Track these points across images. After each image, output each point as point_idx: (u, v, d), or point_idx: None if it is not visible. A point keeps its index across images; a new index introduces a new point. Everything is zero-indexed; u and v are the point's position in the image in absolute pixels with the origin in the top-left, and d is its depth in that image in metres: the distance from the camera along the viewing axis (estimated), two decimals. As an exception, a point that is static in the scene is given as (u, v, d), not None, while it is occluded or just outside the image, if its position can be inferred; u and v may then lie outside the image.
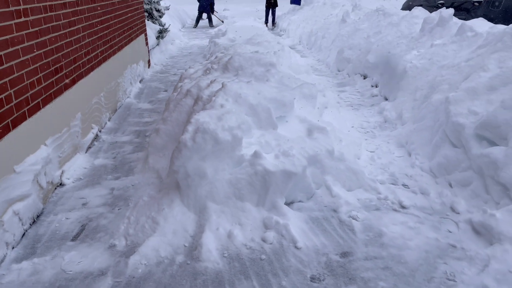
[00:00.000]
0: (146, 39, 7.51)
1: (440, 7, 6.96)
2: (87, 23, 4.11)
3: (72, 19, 3.70)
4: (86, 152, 3.82)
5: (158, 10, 9.53)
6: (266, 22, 13.87)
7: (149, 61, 7.57)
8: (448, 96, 3.21)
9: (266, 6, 13.91)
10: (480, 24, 4.47)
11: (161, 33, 9.10)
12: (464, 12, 6.72)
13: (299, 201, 2.85)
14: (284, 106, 3.22)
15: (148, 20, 9.09)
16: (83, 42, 3.97)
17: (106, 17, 4.80)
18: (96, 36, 4.40)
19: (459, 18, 5.55)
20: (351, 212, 2.71)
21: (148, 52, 7.62)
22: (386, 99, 5.06)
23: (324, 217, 2.70)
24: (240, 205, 2.59)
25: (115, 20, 5.24)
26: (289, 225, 2.50)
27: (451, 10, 5.21)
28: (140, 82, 6.51)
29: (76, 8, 3.81)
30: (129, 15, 6.08)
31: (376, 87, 5.59)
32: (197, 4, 15.38)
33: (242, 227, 2.50)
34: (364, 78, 6.08)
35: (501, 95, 2.89)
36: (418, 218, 2.66)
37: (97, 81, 4.35)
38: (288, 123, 3.28)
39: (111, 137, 4.20)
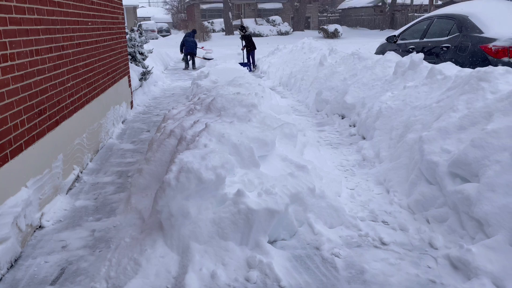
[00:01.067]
0: (129, 81, 7.63)
1: (411, 52, 7.35)
2: (72, 66, 4.20)
3: (58, 62, 3.78)
4: (67, 194, 3.78)
5: (141, 53, 9.75)
6: (252, 65, 14.29)
7: (131, 103, 7.66)
8: (422, 136, 3.37)
9: (246, 50, 14.32)
10: (448, 68, 4.76)
11: (144, 75, 9.27)
12: (434, 56, 7.11)
13: (282, 239, 2.87)
14: (266, 145, 3.31)
15: (131, 62, 9.27)
16: (68, 85, 4.03)
17: (90, 60, 4.91)
18: (80, 79, 4.47)
19: (429, 62, 5.88)
20: (333, 250, 2.75)
21: (131, 94, 7.73)
22: (364, 138, 5.23)
23: (307, 255, 2.72)
24: (223, 245, 2.60)
25: (99, 63, 5.35)
26: (272, 263, 2.51)
27: (421, 55, 5.53)
28: (122, 123, 6.55)
29: (62, 52, 3.90)
30: (113, 58, 6.22)
31: (354, 126, 5.77)
32: (178, 47, 15.79)
33: (225, 267, 2.50)
34: (342, 118, 6.28)
35: (471, 134, 3.05)
36: (399, 255, 2.71)
37: (80, 123, 4.38)
38: (270, 161, 3.36)
39: (92, 178, 4.18)
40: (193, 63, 15.70)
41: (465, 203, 2.71)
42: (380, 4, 39.21)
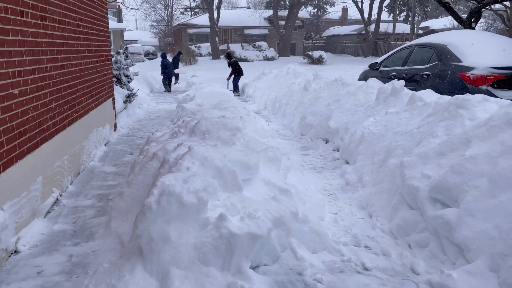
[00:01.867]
0: (114, 103, 7.60)
1: (393, 79, 7.54)
2: (55, 87, 4.17)
3: (40, 84, 3.75)
4: (45, 217, 3.68)
5: (127, 76, 9.75)
6: (235, 89, 14.36)
7: (115, 125, 7.60)
8: (403, 161, 3.42)
9: (234, 75, 14.41)
10: (429, 95, 4.88)
11: (129, 98, 9.25)
12: (415, 83, 7.31)
13: (265, 265, 2.84)
14: (250, 169, 3.31)
15: (116, 85, 9.26)
16: (50, 106, 4.00)
17: (74, 82, 4.89)
18: (63, 100, 4.44)
19: (410, 89, 6.03)
20: (316, 275, 2.72)
21: (115, 116, 7.68)
22: (347, 163, 5.28)
23: (289, 280, 2.69)
24: (204, 270, 2.55)
25: (84, 85, 5.33)
26: (254, 290, 2.47)
27: (402, 82, 5.68)
28: (105, 145, 6.48)
29: (45, 74, 3.88)
30: (97, 80, 6.21)
31: (338, 151, 5.83)
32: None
33: (206, 293, 2.45)
34: (326, 143, 6.35)
35: (450, 160, 3.11)
36: (381, 280, 2.70)
37: (62, 145, 4.32)
38: (254, 185, 3.35)
39: (72, 202, 4.10)
40: (176, 78, 15.94)
41: (446, 228, 2.74)
42: (363, 32, 40.36)
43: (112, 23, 39.25)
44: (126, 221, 3.32)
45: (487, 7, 14.86)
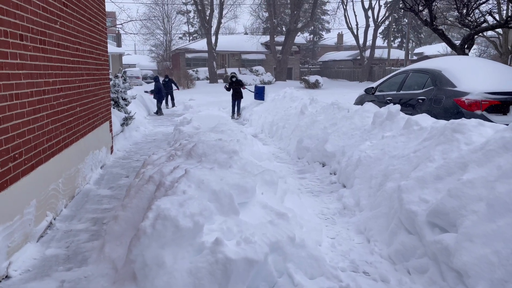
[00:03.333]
0: (111, 126, 7.60)
1: (389, 103, 7.61)
2: (52, 110, 4.18)
3: (37, 106, 3.76)
4: (37, 241, 3.62)
5: (124, 99, 9.80)
6: (233, 113, 14.38)
7: (112, 147, 7.58)
8: (400, 185, 3.40)
9: (232, 98, 14.45)
10: (424, 119, 4.91)
11: (126, 120, 9.27)
12: (410, 107, 7.38)
13: (261, 291, 2.77)
14: (246, 192, 3.28)
15: (114, 108, 9.29)
16: (46, 129, 3.99)
17: (72, 105, 4.90)
18: (60, 123, 4.44)
19: (406, 113, 6.08)
20: (313, 302, 2.66)
21: (112, 139, 7.67)
22: (344, 186, 5.26)
23: (286, 307, 2.63)
24: (199, 297, 2.49)
25: (81, 108, 5.34)
26: (250, 317, 2.40)
27: (398, 106, 5.73)
28: (101, 168, 6.45)
29: (42, 97, 3.90)
30: (95, 103, 6.23)
31: (335, 174, 5.82)
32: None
33: (201, 320, 2.38)
34: (323, 166, 6.34)
35: (447, 184, 3.11)
36: (380, 307, 2.65)
37: (57, 167, 4.29)
38: (250, 209, 3.32)
39: (66, 225, 4.03)
40: (172, 99, 16.16)
41: (444, 254, 2.70)
42: (359, 57, 41.05)
43: (111, 47, 39.74)
44: (120, 245, 3.26)
45: (480, 33, 15.20)
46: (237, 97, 14.38)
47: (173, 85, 17.64)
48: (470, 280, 2.47)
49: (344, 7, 39.31)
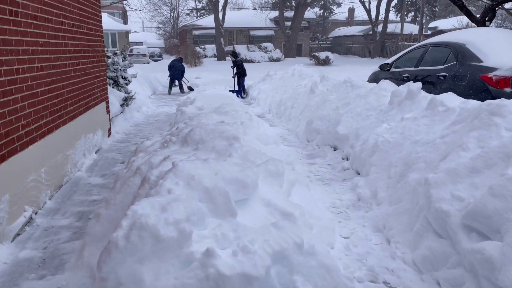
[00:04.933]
0: (108, 107, 7.14)
1: (406, 80, 7.00)
2: (29, 92, 3.70)
3: (9, 88, 3.28)
4: (12, 241, 3.21)
5: (124, 78, 9.30)
6: (243, 91, 13.87)
7: (109, 130, 7.14)
8: (428, 178, 2.89)
9: (237, 77, 13.87)
10: (450, 99, 4.35)
11: (126, 101, 8.80)
12: (430, 85, 6.77)
13: (262, 309, 2.33)
14: (246, 188, 2.81)
15: (113, 87, 8.82)
16: (21, 113, 3.53)
17: (56, 85, 4.42)
18: (41, 106, 3.97)
19: (425, 91, 5.50)
20: (325, 323, 2.22)
21: (109, 121, 7.22)
22: (359, 174, 4.76)
23: (292, 330, 2.18)
24: (187, 320, 2.05)
25: (68, 89, 4.86)
26: None
27: (419, 84, 5.14)
28: (96, 152, 6.02)
29: (15, 76, 3.42)
30: (87, 83, 5.74)
31: (347, 159, 5.31)
32: (167, 72, 15.55)
33: None
34: (335, 150, 5.83)
35: (487, 179, 2.59)
36: (406, 330, 2.19)
37: (38, 156, 3.85)
38: (251, 207, 2.84)
39: (47, 221, 3.62)
40: (181, 87, 15.48)
41: (486, 267, 2.21)
42: (371, 33, 39.71)
43: (117, 25, 39.07)
44: (101, 248, 2.82)
45: (502, 5, 14.26)
46: (241, 74, 13.80)
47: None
48: (521, 303, 1.99)
49: (356, -20, 37.82)
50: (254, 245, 2.33)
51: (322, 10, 53.76)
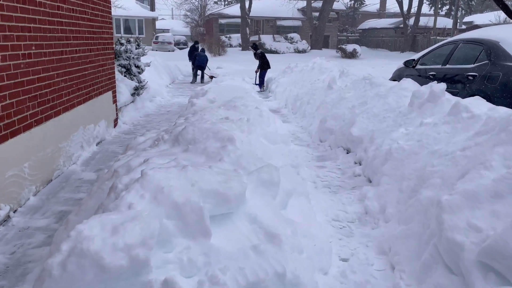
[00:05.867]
0: (115, 96, 6.91)
1: (431, 79, 6.46)
2: (13, 81, 3.45)
3: (-17, 77, 3.04)
4: (-19, 243, 2.99)
5: (137, 66, 9.06)
6: (260, 84, 13.43)
7: (115, 120, 6.92)
8: (441, 200, 2.46)
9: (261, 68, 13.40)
10: (477, 104, 3.85)
11: (137, 90, 8.57)
12: (457, 85, 6.21)
13: None
14: (228, 202, 2.46)
15: (125, 75, 8.60)
16: (3, 103, 3.28)
17: (48, 74, 4.17)
18: (27, 96, 3.73)
19: (451, 92, 5.00)
20: None
21: (116, 111, 7.00)
22: (370, 181, 4.34)
23: None
24: None
25: (65, 77, 4.62)
26: None
27: (443, 85, 4.63)
28: (97, 144, 5.80)
29: (-7, 64, 3.17)
30: (89, 71, 5.50)
31: (360, 164, 4.89)
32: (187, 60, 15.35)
33: None
34: (347, 153, 5.41)
35: (511, 207, 2.15)
36: None
37: (19, 149, 3.61)
38: (234, 223, 2.50)
39: (25, 220, 3.39)
40: (202, 77, 15.24)
41: (504, 320, 1.80)
42: (402, 26, 38.31)
43: (145, 12, 39.11)
44: (67, 260, 2.55)
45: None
46: (263, 67, 13.37)
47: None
48: None
49: (389, -30, 36.43)
50: (225, 274, 1.99)
51: (352, 1, 52.28)
